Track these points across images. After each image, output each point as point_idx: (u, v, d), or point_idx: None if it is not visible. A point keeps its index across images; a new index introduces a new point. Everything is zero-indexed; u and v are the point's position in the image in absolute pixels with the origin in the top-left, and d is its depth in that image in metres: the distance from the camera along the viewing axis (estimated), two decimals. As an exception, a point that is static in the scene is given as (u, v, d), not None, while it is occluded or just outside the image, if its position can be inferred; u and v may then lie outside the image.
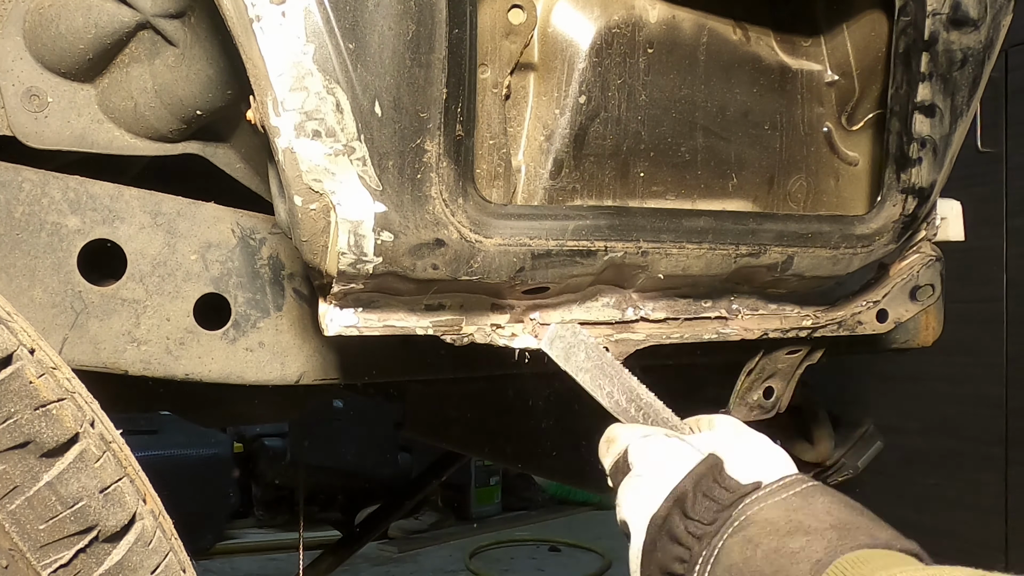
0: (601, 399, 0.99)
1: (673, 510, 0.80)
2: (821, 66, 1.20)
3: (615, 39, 1.02)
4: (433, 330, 0.95)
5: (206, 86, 0.97)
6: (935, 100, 1.10)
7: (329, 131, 0.81)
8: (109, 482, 0.76)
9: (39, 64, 0.95)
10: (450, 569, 4.48)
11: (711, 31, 1.09)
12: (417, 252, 0.86)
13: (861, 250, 1.13)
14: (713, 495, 0.80)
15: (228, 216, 1.02)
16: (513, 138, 1.02)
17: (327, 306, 0.91)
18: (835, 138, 1.22)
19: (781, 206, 1.19)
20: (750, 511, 0.77)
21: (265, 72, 0.78)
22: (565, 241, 0.93)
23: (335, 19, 0.79)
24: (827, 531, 0.71)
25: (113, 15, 0.94)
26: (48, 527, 0.72)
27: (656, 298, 1.08)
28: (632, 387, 0.99)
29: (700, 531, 0.77)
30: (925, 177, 1.13)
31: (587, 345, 1.00)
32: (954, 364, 3.02)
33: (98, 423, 0.78)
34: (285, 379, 1.06)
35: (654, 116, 1.06)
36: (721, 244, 1.03)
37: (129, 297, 0.96)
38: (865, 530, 0.72)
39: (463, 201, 0.87)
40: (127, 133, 1.01)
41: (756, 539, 0.73)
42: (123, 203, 0.96)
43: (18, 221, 0.91)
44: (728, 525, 0.76)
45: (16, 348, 0.72)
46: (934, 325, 1.54)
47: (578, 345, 1.00)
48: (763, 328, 1.17)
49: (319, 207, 0.82)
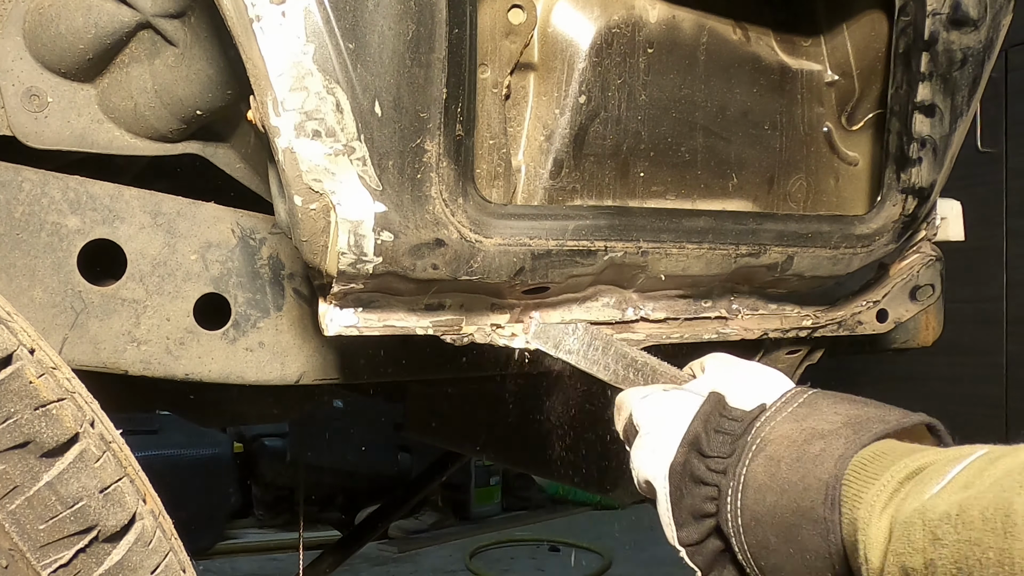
0: (599, 374, 1.00)
1: (690, 454, 0.81)
2: (821, 66, 1.20)
3: (615, 39, 1.02)
4: (433, 330, 0.95)
5: (206, 86, 0.97)
6: (935, 100, 1.10)
7: (329, 131, 0.81)
8: (109, 482, 0.76)
9: (39, 64, 0.95)
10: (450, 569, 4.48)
11: (711, 31, 1.09)
12: (417, 252, 0.86)
13: (861, 250, 1.13)
14: (724, 428, 0.81)
15: (228, 216, 1.02)
16: (513, 138, 1.02)
17: (327, 306, 0.91)
18: (835, 138, 1.22)
19: (781, 206, 1.19)
20: (764, 432, 0.78)
21: (265, 72, 0.78)
22: (565, 241, 0.93)
23: (335, 19, 0.79)
24: (841, 429, 0.73)
25: (113, 15, 0.94)
26: (48, 527, 0.72)
27: (656, 298, 1.08)
28: (625, 352, 1.00)
29: (722, 465, 0.79)
30: (925, 177, 1.13)
31: (573, 327, 1.01)
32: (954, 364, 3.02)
33: (98, 423, 0.78)
34: (285, 379, 1.06)
35: (654, 116, 1.06)
36: (721, 244, 1.03)
37: (129, 297, 0.96)
38: (876, 419, 0.74)
39: (463, 201, 0.87)
40: (127, 133, 1.01)
41: (777, 455, 0.75)
42: (123, 203, 0.96)
43: (18, 221, 0.91)
44: (747, 451, 0.77)
45: (16, 348, 0.72)
46: (934, 325, 1.54)
47: (564, 330, 1.01)
48: (763, 328, 1.17)
49: (319, 207, 0.82)
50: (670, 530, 0.82)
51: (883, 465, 0.68)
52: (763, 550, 0.74)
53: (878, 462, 0.69)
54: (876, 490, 0.66)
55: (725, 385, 0.88)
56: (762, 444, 0.77)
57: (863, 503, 0.66)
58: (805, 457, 0.73)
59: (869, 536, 0.64)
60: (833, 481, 0.69)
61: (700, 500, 0.79)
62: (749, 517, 0.75)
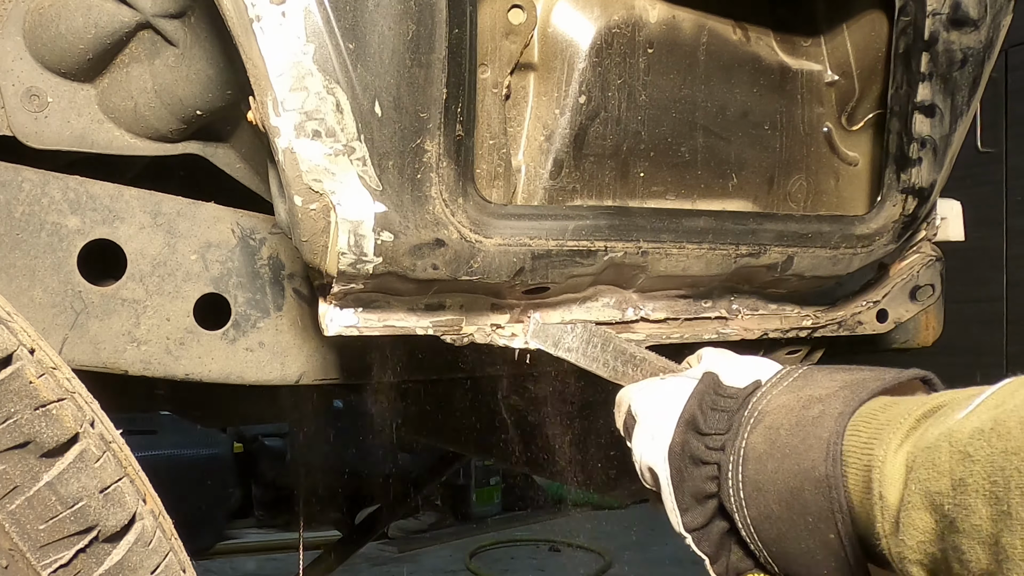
0: (599, 371, 1.00)
1: (687, 434, 0.80)
2: (821, 66, 1.20)
3: (615, 39, 1.02)
4: (433, 330, 0.95)
5: (206, 86, 0.97)
6: (935, 100, 1.10)
7: (329, 131, 0.81)
8: (109, 482, 0.76)
9: (39, 64, 0.95)
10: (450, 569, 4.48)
11: (711, 31, 1.09)
12: (417, 252, 0.86)
13: (861, 250, 1.13)
14: (720, 406, 0.80)
15: (228, 216, 1.02)
16: (513, 138, 1.02)
17: (327, 306, 0.91)
18: (835, 138, 1.22)
19: (781, 206, 1.19)
20: (761, 405, 0.77)
21: (265, 72, 0.78)
22: (565, 241, 0.93)
23: (335, 19, 0.79)
24: (839, 391, 0.72)
25: (113, 15, 0.94)
26: (48, 527, 0.72)
27: (656, 298, 1.08)
28: (624, 348, 1.00)
29: (719, 442, 0.78)
30: (925, 177, 1.13)
31: (571, 325, 1.01)
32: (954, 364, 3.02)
33: (98, 423, 0.78)
34: (285, 379, 1.06)
35: (654, 116, 1.06)
36: (721, 244, 1.03)
37: (129, 297, 0.96)
38: (872, 378, 0.73)
39: (463, 201, 0.87)
40: (127, 133, 1.01)
41: (775, 424, 0.74)
42: (123, 203, 0.96)
43: (18, 221, 0.91)
44: (744, 426, 0.76)
45: (16, 348, 0.72)
46: (934, 325, 1.54)
47: (563, 329, 1.01)
48: (763, 328, 1.17)
49: (319, 207, 0.82)
50: (674, 515, 0.81)
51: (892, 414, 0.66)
52: (766, 521, 0.73)
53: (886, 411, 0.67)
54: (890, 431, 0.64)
55: (720, 368, 0.88)
56: (760, 416, 0.76)
57: (879, 442, 0.64)
58: (804, 421, 0.72)
59: (885, 474, 0.62)
60: (834, 438, 0.68)
61: (701, 480, 0.78)
62: (751, 488, 0.73)
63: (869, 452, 0.65)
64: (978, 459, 0.54)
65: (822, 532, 0.68)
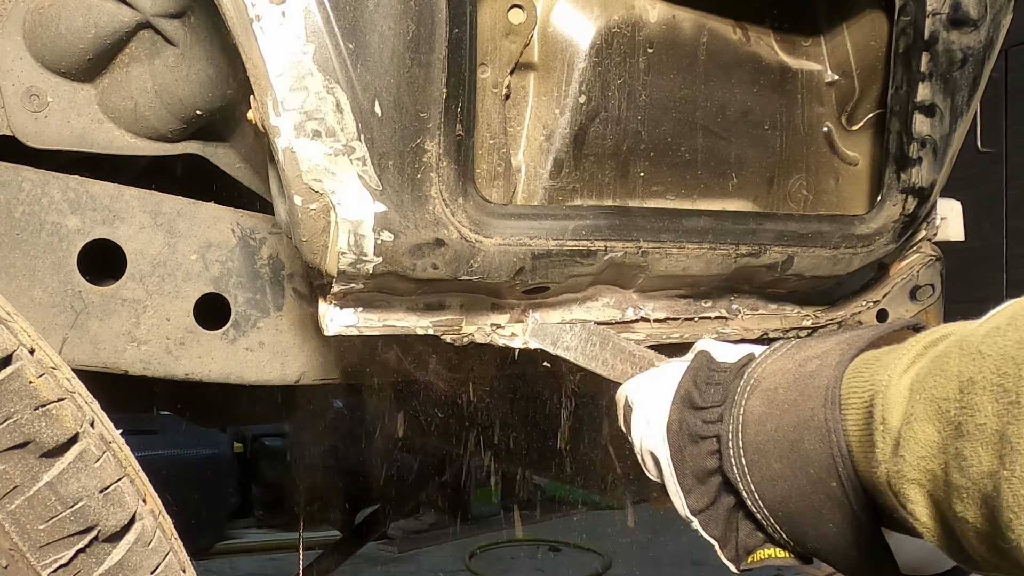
0: (598, 370, 1.00)
1: (684, 411, 0.79)
2: (821, 66, 1.20)
3: (615, 39, 1.02)
4: (433, 330, 0.95)
5: (206, 86, 0.97)
6: (935, 100, 1.10)
7: (329, 131, 0.81)
8: (109, 482, 0.76)
9: (39, 64, 0.95)
10: (450, 569, 4.48)
11: (711, 31, 1.09)
12: (417, 252, 0.86)
13: (861, 250, 1.13)
14: (714, 380, 0.79)
15: (228, 216, 1.02)
16: (513, 138, 1.02)
17: (327, 306, 0.91)
18: (835, 138, 1.22)
19: (781, 206, 1.19)
20: (756, 373, 0.76)
21: (265, 72, 0.78)
22: (565, 241, 0.93)
23: (335, 19, 0.79)
24: (835, 346, 0.71)
25: (113, 15, 0.94)
26: (48, 527, 0.72)
27: (656, 298, 1.08)
28: (623, 347, 1.00)
29: (716, 414, 0.76)
30: (925, 177, 1.13)
31: (570, 325, 1.01)
32: (954, 364, 3.02)
33: (98, 423, 0.78)
34: (285, 379, 1.06)
35: (654, 116, 1.06)
36: (721, 244, 1.03)
37: (129, 297, 0.96)
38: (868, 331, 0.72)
39: (463, 201, 0.87)
40: (127, 133, 1.01)
41: (773, 386, 0.73)
42: (123, 203, 0.96)
43: (18, 221, 0.91)
44: (741, 394, 0.75)
45: (16, 348, 0.72)
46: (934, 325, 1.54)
47: (562, 328, 1.01)
48: (763, 328, 1.17)
49: (319, 207, 0.82)
50: (679, 499, 0.79)
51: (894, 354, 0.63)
52: (770, 484, 0.71)
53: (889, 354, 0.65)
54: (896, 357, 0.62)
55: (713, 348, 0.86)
56: (756, 382, 0.75)
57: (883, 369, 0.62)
58: (802, 376, 0.70)
59: (888, 398, 0.59)
60: (833, 383, 0.66)
61: (702, 457, 0.77)
62: (752, 452, 0.72)
63: (871, 386, 0.63)
64: (989, 354, 0.51)
65: (824, 483, 0.66)
